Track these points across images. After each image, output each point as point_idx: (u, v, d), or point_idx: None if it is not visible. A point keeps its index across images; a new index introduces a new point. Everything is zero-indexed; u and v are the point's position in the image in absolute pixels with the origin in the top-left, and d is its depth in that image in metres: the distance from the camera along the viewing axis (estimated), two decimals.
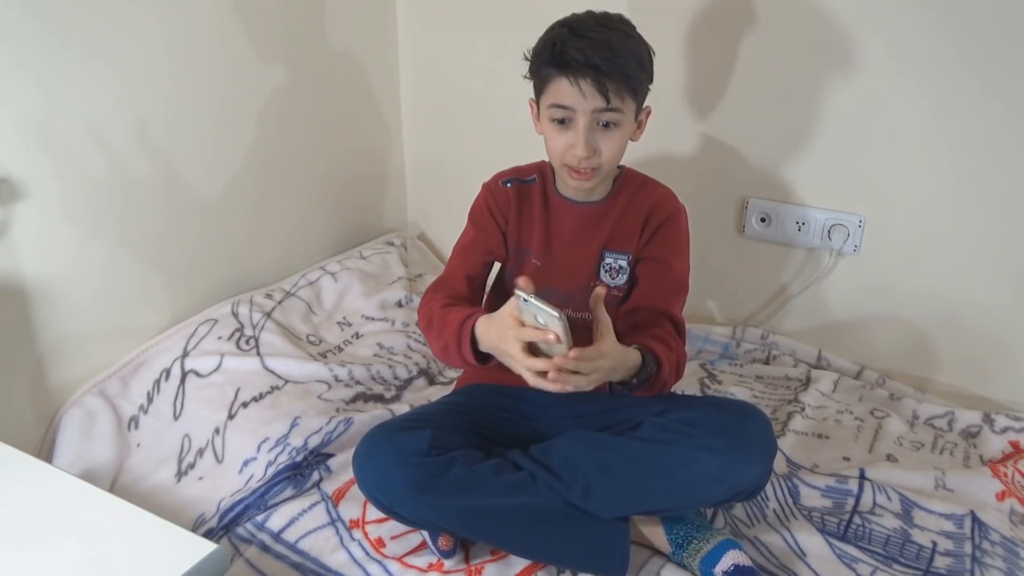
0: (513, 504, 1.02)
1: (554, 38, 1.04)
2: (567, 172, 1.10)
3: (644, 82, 1.07)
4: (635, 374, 1.01)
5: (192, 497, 1.19)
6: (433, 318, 1.10)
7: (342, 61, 1.72)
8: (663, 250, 1.16)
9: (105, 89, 1.25)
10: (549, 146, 1.10)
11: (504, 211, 1.19)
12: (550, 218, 1.19)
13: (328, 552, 1.09)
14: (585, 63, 1.00)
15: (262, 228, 1.61)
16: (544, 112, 1.08)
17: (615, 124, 1.05)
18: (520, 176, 1.21)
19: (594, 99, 1.02)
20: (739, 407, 1.08)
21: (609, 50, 1.00)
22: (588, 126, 1.04)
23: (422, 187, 1.98)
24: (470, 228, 1.23)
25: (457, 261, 1.21)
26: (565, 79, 1.02)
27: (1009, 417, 1.36)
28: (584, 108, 1.03)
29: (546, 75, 1.05)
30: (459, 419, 1.13)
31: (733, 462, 0.99)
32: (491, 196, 1.21)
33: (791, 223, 1.53)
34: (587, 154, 1.05)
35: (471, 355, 1.03)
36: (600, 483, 1.03)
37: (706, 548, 1.02)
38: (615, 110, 1.04)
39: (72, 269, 1.26)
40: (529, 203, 1.19)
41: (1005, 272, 1.38)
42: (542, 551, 1.04)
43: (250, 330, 1.46)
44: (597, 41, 1.00)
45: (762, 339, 1.60)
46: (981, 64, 1.29)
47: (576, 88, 1.02)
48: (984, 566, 1.07)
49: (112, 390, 1.31)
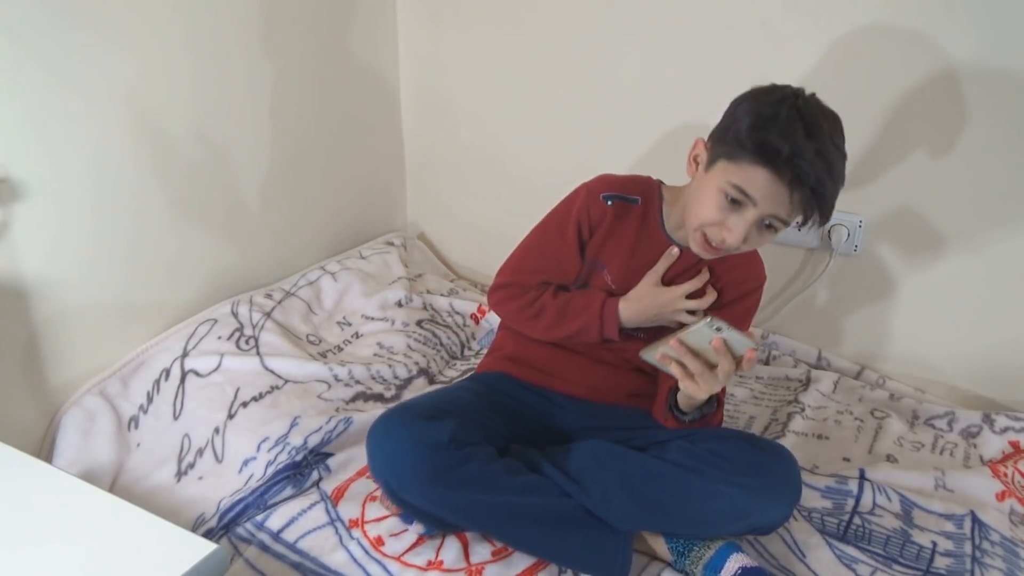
0: (522, 503, 1.02)
1: (793, 137, 0.92)
2: (699, 239, 1.03)
3: None
4: (700, 406, 1.05)
5: (192, 497, 1.19)
6: (550, 307, 1.14)
7: (342, 61, 1.72)
8: (738, 319, 1.12)
9: (105, 89, 1.25)
10: (703, 210, 1.00)
11: (594, 227, 1.13)
12: (641, 247, 1.13)
13: (328, 552, 1.09)
14: (812, 185, 0.93)
15: (262, 228, 1.60)
16: (719, 178, 0.98)
17: (778, 229, 1.00)
18: (624, 193, 1.13)
19: (792, 213, 0.96)
20: (772, 448, 1.07)
21: (836, 177, 0.94)
22: (755, 223, 0.98)
23: (422, 187, 1.98)
24: (553, 227, 1.16)
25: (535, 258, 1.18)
26: (775, 177, 0.93)
27: (1009, 417, 1.36)
28: (770, 210, 0.96)
29: (756, 158, 0.94)
30: (484, 408, 1.12)
31: (759, 502, 1.00)
32: (585, 208, 1.13)
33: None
34: (739, 247, 1.00)
35: (616, 331, 1.11)
36: (620, 496, 1.03)
37: (707, 555, 1.03)
38: (790, 223, 0.99)
39: (72, 269, 1.26)
40: (624, 224, 1.13)
41: (1005, 272, 1.38)
42: (544, 548, 1.05)
43: (250, 330, 1.46)
44: (831, 164, 0.93)
45: (762, 339, 1.60)
46: (981, 64, 1.29)
47: (780, 193, 0.94)
48: (984, 566, 1.07)
49: (112, 390, 1.31)
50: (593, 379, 1.18)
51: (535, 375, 1.20)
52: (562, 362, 1.19)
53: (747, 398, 1.46)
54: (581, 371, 1.18)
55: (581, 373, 1.18)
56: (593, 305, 1.12)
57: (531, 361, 1.20)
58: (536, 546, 1.05)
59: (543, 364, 1.20)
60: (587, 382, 1.18)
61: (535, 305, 1.16)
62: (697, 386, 0.95)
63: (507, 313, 1.21)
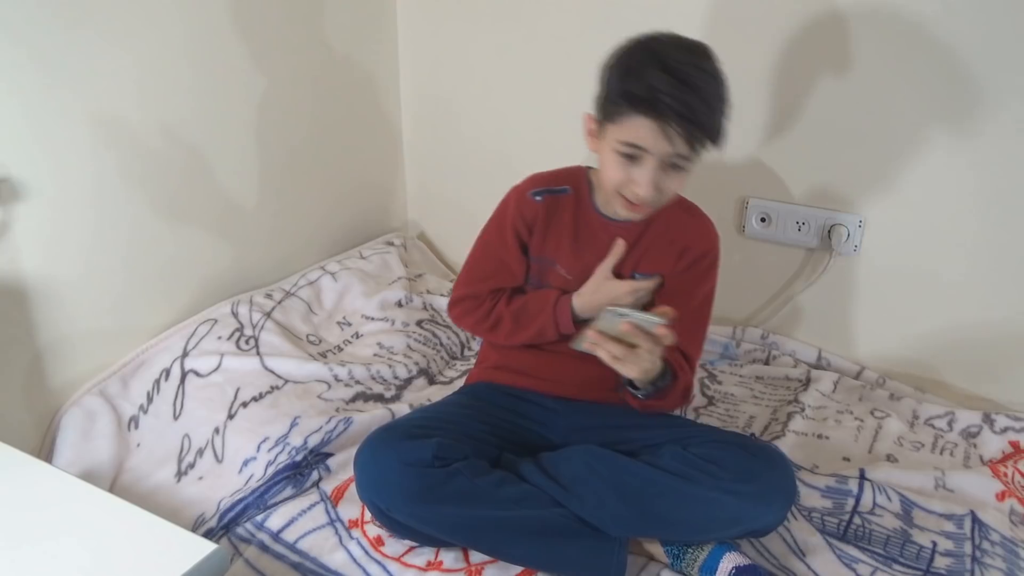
0: (511, 516, 1.02)
1: (648, 78, 0.96)
2: (621, 201, 1.06)
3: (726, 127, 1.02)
4: (654, 380, 1.04)
5: (192, 497, 1.19)
6: (505, 315, 1.16)
7: (342, 61, 1.72)
8: (691, 287, 1.15)
9: (106, 90, 1.25)
10: (608, 175, 1.05)
11: (530, 225, 1.16)
12: (582, 232, 1.16)
13: (327, 552, 1.09)
14: (680, 113, 0.95)
15: (262, 228, 1.60)
16: (610, 141, 1.02)
17: (684, 167, 1.02)
18: (552, 186, 1.16)
19: (678, 146, 0.98)
20: (765, 452, 1.08)
21: (706, 99, 0.96)
22: (658, 168, 1.00)
23: (422, 187, 1.98)
24: (493, 234, 1.20)
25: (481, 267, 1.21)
26: (651, 121, 0.96)
27: (1009, 417, 1.36)
28: (660, 152, 0.99)
29: (628, 111, 0.98)
30: (471, 423, 1.13)
31: (754, 508, 1.00)
32: (517, 210, 1.16)
33: (791, 223, 1.53)
34: (653, 196, 1.02)
35: (571, 326, 1.12)
36: (613, 503, 1.03)
37: (702, 557, 1.03)
38: (691, 157, 1.01)
39: (72, 269, 1.26)
40: (559, 215, 1.16)
41: (1005, 272, 1.38)
42: (537, 560, 1.04)
43: (250, 330, 1.46)
44: (695, 88, 0.95)
45: (762, 339, 1.60)
46: (981, 64, 1.29)
47: (662, 133, 0.97)
48: (984, 566, 1.07)
49: (112, 390, 1.31)
50: (578, 377, 1.18)
51: (522, 380, 1.20)
52: (546, 364, 1.20)
53: (747, 398, 1.46)
54: (566, 371, 1.19)
55: (566, 373, 1.19)
56: (547, 306, 1.14)
57: (516, 367, 1.21)
58: (529, 558, 1.04)
59: (528, 368, 1.21)
60: (573, 381, 1.19)
61: (492, 315, 1.18)
62: (626, 367, 0.98)
63: (468, 327, 1.24)
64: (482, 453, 1.08)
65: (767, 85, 1.47)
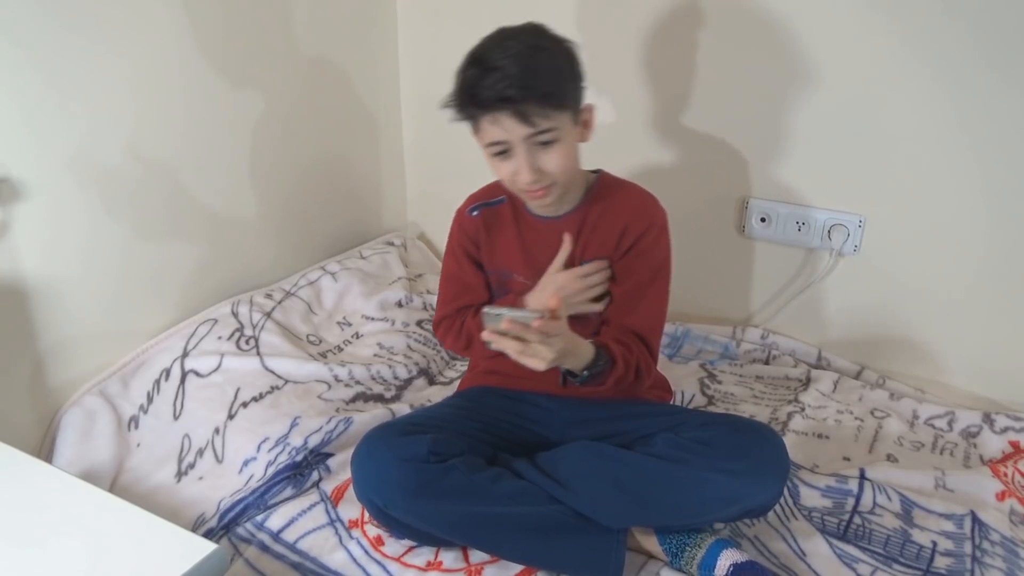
0: (509, 512, 1.03)
1: (465, 79, 1.01)
2: (525, 195, 1.09)
3: (570, 89, 1.05)
4: (587, 367, 1.04)
5: (192, 497, 1.19)
6: (473, 328, 1.17)
7: (342, 61, 1.72)
8: (639, 267, 1.14)
9: (107, 90, 1.25)
10: (500, 178, 1.08)
11: (475, 240, 1.20)
12: (526, 237, 1.18)
13: (327, 552, 1.09)
14: (497, 99, 0.98)
15: (262, 227, 1.61)
16: (482, 149, 1.07)
17: (554, 140, 1.03)
18: (487, 199, 1.21)
19: (520, 129, 1.00)
20: (755, 428, 1.08)
21: (520, 76, 0.97)
22: (527, 151, 1.02)
23: (422, 188, 1.98)
24: (449, 257, 1.24)
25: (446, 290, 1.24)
26: (488, 115, 1.00)
27: (1009, 417, 1.36)
28: (516, 137, 1.01)
29: (469, 117, 1.04)
30: (466, 423, 1.13)
31: (748, 484, 1.01)
32: (460, 229, 1.22)
33: (791, 223, 1.53)
34: (534, 178, 1.04)
35: None
36: (611, 496, 1.04)
37: (699, 554, 1.03)
38: (547, 130, 1.01)
39: (72, 269, 1.26)
40: (500, 225, 1.19)
41: (1005, 272, 1.38)
42: (535, 557, 1.04)
43: (250, 330, 1.46)
44: (506, 70, 0.97)
45: (762, 339, 1.60)
46: (982, 64, 1.29)
47: (498, 125, 1.00)
48: (984, 566, 1.07)
49: (112, 390, 1.31)
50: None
51: (513, 381, 1.20)
52: None
53: (747, 398, 1.46)
54: (554, 369, 1.18)
55: (555, 371, 1.19)
56: None
57: (506, 370, 1.20)
58: (526, 555, 1.05)
59: (518, 370, 1.20)
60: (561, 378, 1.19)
61: (463, 333, 1.20)
62: (530, 361, 0.98)
63: (449, 347, 1.27)
64: (477, 451, 1.09)
65: (768, 84, 1.47)
